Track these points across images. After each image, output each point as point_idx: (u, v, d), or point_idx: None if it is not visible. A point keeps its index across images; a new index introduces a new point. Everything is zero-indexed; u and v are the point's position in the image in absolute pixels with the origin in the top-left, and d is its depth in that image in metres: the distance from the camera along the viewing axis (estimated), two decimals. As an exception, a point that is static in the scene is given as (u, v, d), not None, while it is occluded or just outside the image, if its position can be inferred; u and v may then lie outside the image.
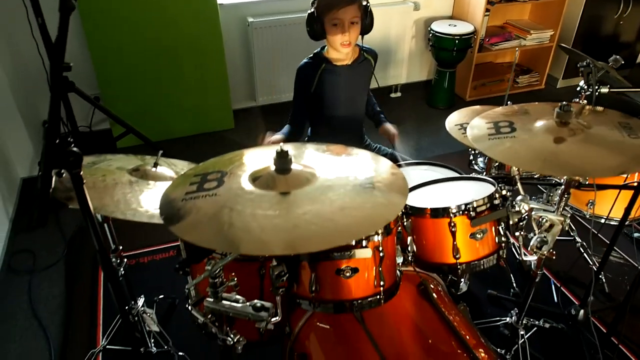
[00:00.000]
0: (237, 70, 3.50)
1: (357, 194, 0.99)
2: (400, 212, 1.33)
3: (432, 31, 3.65)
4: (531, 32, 3.87)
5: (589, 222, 2.43)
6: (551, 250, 1.37)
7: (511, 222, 1.37)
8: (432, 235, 1.39)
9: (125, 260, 1.73)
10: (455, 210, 1.34)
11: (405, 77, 4.03)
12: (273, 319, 1.04)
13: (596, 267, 2.01)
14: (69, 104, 2.30)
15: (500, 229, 1.41)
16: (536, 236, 1.38)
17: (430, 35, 3.68)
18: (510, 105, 1.56)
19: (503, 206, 1.37)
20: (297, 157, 1.10)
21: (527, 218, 1.37)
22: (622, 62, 1.84)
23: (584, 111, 1.45)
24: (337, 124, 2.13)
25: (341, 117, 2.12)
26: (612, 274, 2.28)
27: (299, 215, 0.91)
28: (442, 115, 2.00)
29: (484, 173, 2.02)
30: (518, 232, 1.38)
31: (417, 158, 1.89)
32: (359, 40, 1.98)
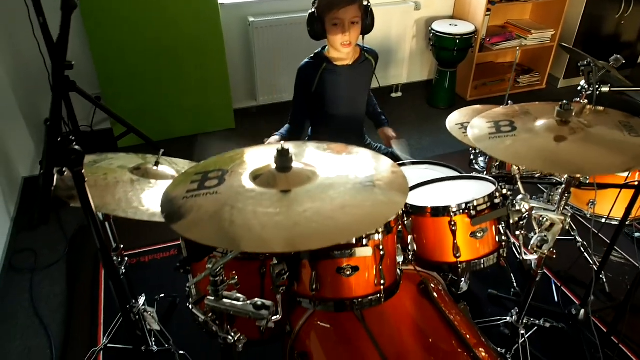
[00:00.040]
0: (237, 69, 3.51)
1: (358, 192, 0.99)
2: (400, 211, 1.33)
3: (433, 31, 3.65)
4: (532, 32, 3.87)
5: (589, 222, 2.43)
6: (551, 249, 1.37)
7: (511, 221, 1.37)
8: (432, 234, 1.39)
9: (126, 258, 1.74)
10: (456, 209, 1.35)
11: (406, 76, 4.03)
12: (274, 318, 1.04)
13: (597, 267, 2.02)
14: (70, 103, 2.30)
15: (501, 228, 1.41)
16: (537, 235, 1.38)
17: (431, 35, 3.68)
18: (510, 104, 1.56)
19: (503, 205, 1.37)
20: (297, 156, 1.10)
21: (527, 217, 1.37)
22: (623, 62, 1.84)
23: (585, 111, 1.45)
24: (337, 123, 2.13)
25: (342, 117, 2.12)
26: (613, 274, 2.28)
27: (300, 213, 0.91)
28: (442, 115, 2.00)
29: (485, 172, 2.02)
30: (518, 231, 1.38)
31: (417, 158, 1.88)
32: (360, 40, 1.98)
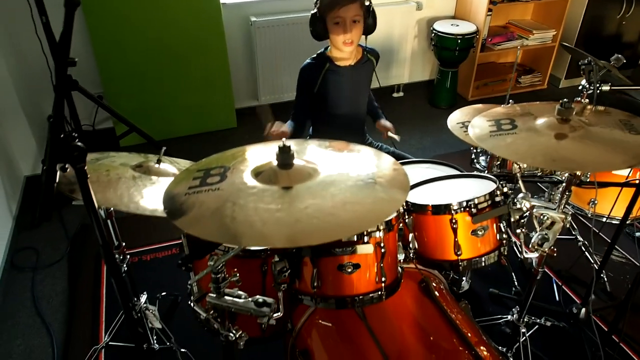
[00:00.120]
0: (239, 69, 3.51)
1: (359, 189, 0.99)
2: (401, 208, 1.33)
3: (434, 31, 3.65)
4: (534, 32, 3.87)
5: (590, 221, 2.43)
6: (552, 247, 1.37)
7: (512, 220, 1.37)
8: (433, 232, 1.39)
9: (128, 256, 1.74)
10: (457, 207, 1.35)
11: (408, 76, 4.03)
12: (275, 315, 1.04)
13: (597, 266, 2.02)
14: (73, 102, 2.31)
15: (502, 226, 1.41)
16: (537, 233, 1.39)
17: (433, 35, 3.68)
18: (511, 103, 1.56)
19: (504, 203, 1.38)
20: (299, 153, 1.10)
21: (528, 215, 1.37)
22: (624, 61, 1.84)
23: (586, 110, 1.45)
24: (339, 123, 2.13)
25: (343, 117, 2.12)
26: (614, 273, 2.28)
27: (301, 210, 0.92)
28: (444, 115, 2.00)
29: (486, 172, 2.02)
30: (519, 230, 1.38)
31: (419, 157, 1.89)
32: (363, 40, 1.99)
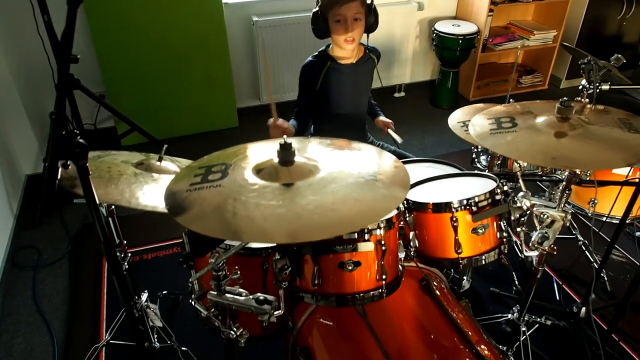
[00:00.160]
0: (241, 68, 3.52)
1: (360, 186, 1.00)
2: (402, 206, 1.34)
3: (435, 31, 3.66)
4: (534, 33, 3.87)
5: (590, 220, 2.43)
6: (552, 246, 1.37)
7: (512, 218, 1.38)
8: (434, 230, 1.40)
9: (129, 255, 1.74)
10: (457, 205, 1.35)
11: (409, 76, 4.04)
12: (276, 312, 1.04)
13: (597, 265, 2.02)
14: (74, 101, 2.31)
15: (502, 225, 1.41)
16: (537, 232, 1.39)
17: (434, 35, 3.68)
18: (512, 102, 1.57)
19: (505, 202, 1.38)
20: (300, 150, 1.10)
21: (528, 214, 1.38)
22: (624, 61, 1.85)
23: (585, 109, 1.46)
24: (340, 121, 2.14)
25: (345, 115, 2.13)
26: (614, 273, 2.28)
27: (302, 206, 0.92)
28: (445, 115, 2.00)
29: (486, 171, 2.02)
30: (519, 228, 1.38)
31: (420, 157, 1.89)
32: (364, 39, 1.99)
